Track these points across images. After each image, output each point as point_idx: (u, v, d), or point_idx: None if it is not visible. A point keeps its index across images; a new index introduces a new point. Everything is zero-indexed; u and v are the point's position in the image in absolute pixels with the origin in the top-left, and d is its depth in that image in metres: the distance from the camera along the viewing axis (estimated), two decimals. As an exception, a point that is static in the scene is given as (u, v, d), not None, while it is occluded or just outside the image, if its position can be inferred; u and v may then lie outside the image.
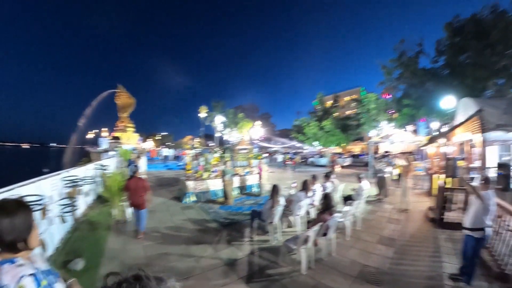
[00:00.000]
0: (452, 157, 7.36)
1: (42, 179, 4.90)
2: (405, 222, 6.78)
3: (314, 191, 6.87)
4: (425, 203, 8.47)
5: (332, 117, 26.30)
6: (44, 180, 4.99)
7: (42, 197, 4.30)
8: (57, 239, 5.06)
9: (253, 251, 4.97)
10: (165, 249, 5.06)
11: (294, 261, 4.38)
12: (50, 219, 4.74)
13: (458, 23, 16.11)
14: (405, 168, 8.16)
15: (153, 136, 69.71)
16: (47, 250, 4.39)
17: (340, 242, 5.28)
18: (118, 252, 4.90)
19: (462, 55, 15.80)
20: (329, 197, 4.88)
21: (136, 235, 5.59)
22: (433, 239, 5.53)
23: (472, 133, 7.02)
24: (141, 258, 4.69)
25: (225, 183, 8.82)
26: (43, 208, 4.35)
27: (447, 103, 11.53)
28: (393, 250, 4.92)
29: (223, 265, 4.40)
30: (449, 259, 4.49)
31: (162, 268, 4.24)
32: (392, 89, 20.39)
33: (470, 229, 3.56)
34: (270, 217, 5.27)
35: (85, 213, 7.30)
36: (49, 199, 4.88)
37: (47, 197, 4.77)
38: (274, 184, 5.64)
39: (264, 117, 78.49)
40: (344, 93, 50.46)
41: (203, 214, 7.58)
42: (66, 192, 5.90)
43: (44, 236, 4.27)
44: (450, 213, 6.15)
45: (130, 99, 36.43)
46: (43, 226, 4.34)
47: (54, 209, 5.10)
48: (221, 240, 5.54)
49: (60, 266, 4.11)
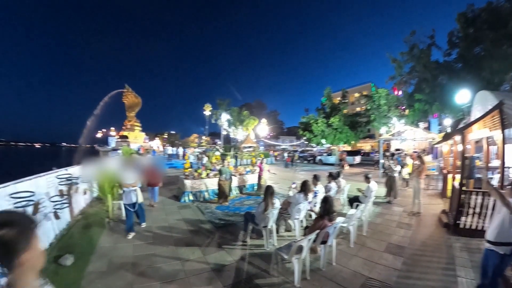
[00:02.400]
0: (469, 156, 6.72)
1: (37, 176, 5.01)
2: (416, 227, 6.19)
3: (316, 193, 6.32)
4: (438, 206, 7.89)
5: (341, 114, 25.48)
6: (40, 177, 5.09)
7: (33, 193, 4.41)
8: (52, 235, 5.10)
9: (244, 256, 4.56)
10: (153, 249, 4.87)
11: (287, 271, 3.92)
12: (44, 215, 4.80)
13: (472, 13, 15.33)
14: (418, 167, 7.54)
15: (161, 134, 70.19)
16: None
17: (343, 249, 4.78)
18: (108, 250, 4.84)
19: (476, 47, 15.04)
20: (329, 201, 4.36)
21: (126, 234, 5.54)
22: (446, 247, 4.94)
23: (490, 130, 6.40)
24: (129, 257, 4.53)
25: (220, 183, 8.44)
26: (36, 204, 4.44)
27: (462, 98, 10.82)
28: (401, 261, 4.35)
29: (209, 271, 4.06)
30: (465, 273, 3.90)
31: (147, 269, 4.07)
32: (403, 83, 19.68)
33: (494, 243, 2.95)
34: (263, 221, 4.80)
35: (82, 211, 7.22)
36: (45, 196, 4.98)
37: (43, 194, 4.91)
38: (268, 185, 5.18)
39: (272, 114, 77.89)
40: (353, 89, 49.46)
41: (199, 214, 7.27)
42: (61, 189, 5.87)
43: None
44: (466, 218, 5.53)
45: (137, 99, 36.68)
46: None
47: (49, 206, 5.13)
48: (212, 243, 5.20)
49: (51, 260, 4.15)
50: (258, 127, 39.47)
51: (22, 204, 4.00)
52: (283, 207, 5.59)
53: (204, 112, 41.66)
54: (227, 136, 45.38)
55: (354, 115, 28.56)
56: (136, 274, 3.94)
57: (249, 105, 64.05)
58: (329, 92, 27.03)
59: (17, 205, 3.90)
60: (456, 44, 16.30)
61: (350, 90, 38.14)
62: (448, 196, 8.05)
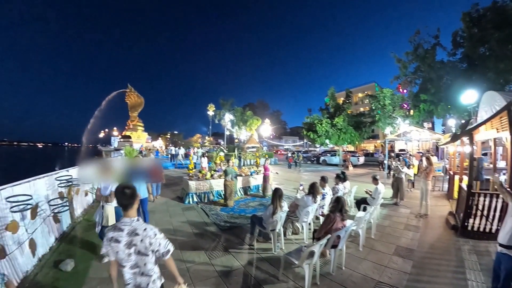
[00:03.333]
0: (478, 157, 6.65)
1: (36, 178, 4.82)
2: (424, 229, 6.13)
3: (324, 195, 6.25)
4: (445, 207, 7.82)
5: (346, 114, 25.35)
6: (39, 179, 4.92)
7: (30, 197, 4.14)
8: (52, 238, 4.97)
9: (252, 261, 4.46)
10: None
11: (297, 276, 3.85)
12: (43, 218, 4.68)
13: (477, 13, 15.21)
14: (426, 169, 7.47)
15: (164, 134, 70.29)
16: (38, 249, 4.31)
17: (352, 252, 4.73)
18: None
19: (481, 47, 14.90)
20: (341, 200, 4.25)
21: None
22: (455, 250, 4.88)
23: (498, 131, 6.34)
24: None
25: (225, 184, 8.35)
26: (34, 208, 4.28)
27: (468, 98, 10.71)
28: (411, 264, 4.30)
29: (216, 276, 3.94)
30: (474, 277, 3.85)
31: None
32: (408, 83, 19.57)
33: (507, 246, 2.89)
34: (271, 224, 4.73)
35: (83, 213, 7.13)
36: (44, 199, 4.87)
37: (42, 197, 4.80)
38: (276, 188, 5.06)
39: (275, 114, 77.76)
40: (356, 89, 49.32)
41: (204, 216, 7.17)
42: (61, 191, 5.73)
43: (35, 236, 4.24)
44: (474, 220, 5.47)
45: (139, 98, 36.90)
46: (34, 226, 4.27)
47: (48, 209, 4.97)
48: (218, 246, 5.09)
49: (51, 266, 4.07)
50: (261, 127, 39.41)
51: (19, 208, 3.80)
52: (291, 209, 5.52)
53: (208, 112, 41.71)
54: (230, 136, 45.38)
55: (359, 115, 28.43)
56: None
57: (251, 105, 64.03)
58: (333, 92, 26.88)
59: (14, 209, 3.69)
60: (461, 44, 16.18)
61: (353, 90, 37.91)
62: (455, 198, 7.99)
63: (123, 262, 1.95)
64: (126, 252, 1.93)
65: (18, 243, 3.65)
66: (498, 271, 2.99)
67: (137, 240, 1.93)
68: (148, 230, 2.01)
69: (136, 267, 1.97)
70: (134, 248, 1.93)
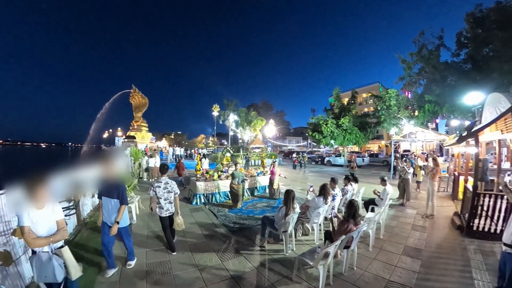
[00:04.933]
0: (483, 158, 6.75)
1: None
2: (430, 229, 6.25)
3: (334, 196, 6.31)
4: (450, 208, 7.93)
5: (351, 114, 25.33)
6: None
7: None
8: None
9: (264, 262, 4.54)
10: (168, 256, 4.72)
11: (310, 276, 3.96)
12: None
13: (480, 13, 15.19)
14: (433, 169, 7.56)
15: (168, 135, 70.45)
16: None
17: (362, 253, 4.85)
18: (119, 257, 4.51)
19: (486, 48, 14.88)
20: (355, 205, 4.36)
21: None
22: (461, 250, 5.00)
23: (502, 132, 6.44)
24: (142, 264, 4.37)
25: (232, 187, 8.36)
26: None
27: (473, 99, 10.76)
28: (419, 263, 4.44)
29: (230, 278, 3.95)
30: (480, 276, 3.96)
31: (162, 278, 3.93)
32: (413, 84, 19.55)
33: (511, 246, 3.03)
34: (284, 226, 4.84)
35: (90, 214, 7.09)
36: None
37: None
38: (288, 190, 5.09)
39: (278, 115, 77.69)
40: (360, 89, 49.28)
41: (212, 218, 7.22)
42: (67, 193, 5.66)
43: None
44: (479, 220, 5.58)
45: (144, 99, 37.18)
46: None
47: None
48: (229, 248, 5.12)
49: None
50: (265, 127, 39.45)
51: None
52: (301, 211, 5.59)
53: (212, 112, 41.81)
54: (234, 137, 45.43)
55: (364, 116, 28.42)
56: (151, 283, 3.79)
57: (255, 106, 63.97)
58: (338, 93, 26.87)
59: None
60: (465, 45, 16.14)
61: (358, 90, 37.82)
62: (460, 198, 8.08)
63: (161, 196, 4.67)
64: (163, 192, 4.67)
65: (24, 248, 3.57)
66: (504, 270, 3.11)
67: (168, 186, 4.72)
68: (171, 182, 4.80)
69: (167, 199, 4.71)
70: (167, 189, 4.70)
